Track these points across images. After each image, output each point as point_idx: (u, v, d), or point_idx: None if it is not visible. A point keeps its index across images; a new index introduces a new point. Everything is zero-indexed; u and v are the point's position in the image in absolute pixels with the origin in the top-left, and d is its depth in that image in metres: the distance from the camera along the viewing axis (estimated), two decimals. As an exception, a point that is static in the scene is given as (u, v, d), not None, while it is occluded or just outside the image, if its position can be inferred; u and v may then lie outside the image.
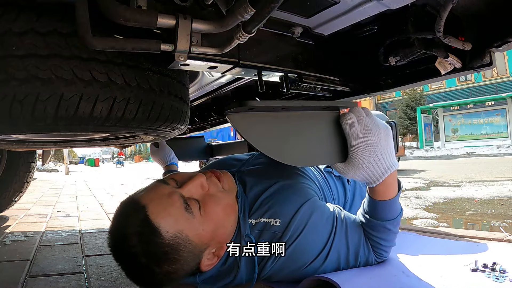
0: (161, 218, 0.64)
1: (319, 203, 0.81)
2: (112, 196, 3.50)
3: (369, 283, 0.74)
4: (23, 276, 0.98)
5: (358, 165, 0.69)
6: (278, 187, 0.82)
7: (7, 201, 2.07)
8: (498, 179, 3.99)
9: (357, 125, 0.69)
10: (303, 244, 0.74)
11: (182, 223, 0.66)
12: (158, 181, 0.74)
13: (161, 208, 0.65)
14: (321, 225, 0.77)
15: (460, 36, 0.73)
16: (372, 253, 0.81)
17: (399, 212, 0.78)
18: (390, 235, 0.79)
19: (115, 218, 0.69)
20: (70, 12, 0.59)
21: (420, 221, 1.97)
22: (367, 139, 0.68)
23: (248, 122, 0.61)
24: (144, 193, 0.69)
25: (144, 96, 0.71)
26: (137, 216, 0.64)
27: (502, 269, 0.81)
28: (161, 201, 0.66)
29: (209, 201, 0.71)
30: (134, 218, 0.64)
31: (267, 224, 0.75)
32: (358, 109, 0.71)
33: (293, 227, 0.74)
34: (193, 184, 0.71)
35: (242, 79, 1.13)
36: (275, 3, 0.48)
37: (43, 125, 0.64)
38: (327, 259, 0.75)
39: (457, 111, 16.83)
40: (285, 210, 0.76)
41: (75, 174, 10.64)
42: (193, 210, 0.68)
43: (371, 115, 0.71)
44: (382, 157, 0.69)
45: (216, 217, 0.71)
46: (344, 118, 0.70)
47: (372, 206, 0.77)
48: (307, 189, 0.84)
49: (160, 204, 0.66)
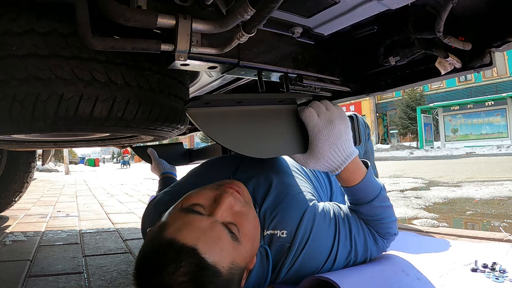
0: (216, 256, 0.58)
1: (319, 206, 0.82)
2: (112, 196, 3.50)
3: (369, 282, 0.74)
4: (23, 276, 0.98)
5: (319, 156, 0.72)
6: (276, 193, 0.82)
7: (7, 201, 2.08)
8: (498, 179, 3.99)
9: (317, 118, 0.71)
10: (311, 251, 0.74)
11: (233, 253, 0.61)
12: (185, 212, 0.64)
13: (212, 246, 0.58)
14: (326, 228, 0.77)
15: (460, 36, 0.73)
16: (379, 238, 0.82)
17: (380, 188, 0.80)
18: (384, 210, 0.81)
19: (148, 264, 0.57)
20: (70, 12, 0.59)
21: (420, 221, 1.97)
22: (329, 132, 0.71)
23: (207, 117, 0.61)
24: (184, 232, 0.59)
25: (144, 96, 0.71)
26: (188, 259, 0.55)
27: (502, 269, 0.81)
28: (208, 237, 0.59)
29: (242, 220, 0.67)
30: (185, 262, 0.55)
31: (273, 236, 0.76)
32: (316, 103, 0.74)
33: (300, 236, 0.74)
34: (225, 207, 0.66)
35: (242, 79, 1.13)
36: (275, 3, 0.48)
37: (43, 125, 0.64)
38: (336, 258, 0.76)
39: (457, 111, 16.82)
40: (290, 220, 0.76)
41: (75, 174, 10.64)
42: (237, 236, 0.64)
43: (331, 108, 0.74)
44: (342, 147, 0.73)
45: (251, 235, 0.68)
46: (303, 112, 0.72)
47: (350, 193, 0.80)
48: (303, 193, 0.85)
49: (209, 241, 0.59)
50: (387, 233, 0.83)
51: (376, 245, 0.82)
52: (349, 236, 0.79)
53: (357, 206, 0.81)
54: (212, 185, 0.74)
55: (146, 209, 1.00)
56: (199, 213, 0.64)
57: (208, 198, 0.69)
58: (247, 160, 0.97)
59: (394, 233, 0.84)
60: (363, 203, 0.80)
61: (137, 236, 1.55)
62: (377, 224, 0.82)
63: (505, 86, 17.64)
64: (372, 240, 0.82)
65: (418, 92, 20.21)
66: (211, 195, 0.70)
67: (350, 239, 0.79)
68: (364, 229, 0.81)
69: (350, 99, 1.09)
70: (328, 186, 1.12)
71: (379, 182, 0.83)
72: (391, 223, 0.83)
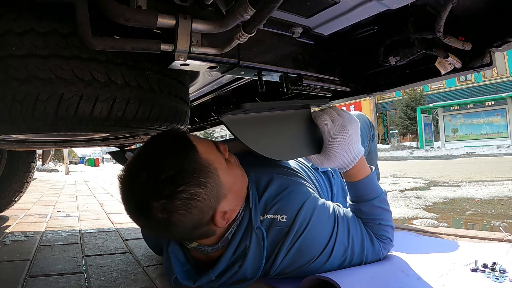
0: (198, 143, 0.70)
1: (319, 199, 0.84)
2: (112, 196, 3.50)
3: (369, 282, 0.74)
4: (23, 276, 0.98)
5: (333, 158, 0.80)
6: (279, 183, 0.84)
7: (7, 201, 2.08)
8: (498, 179, 3.99)
9: (331, 124, 0.79)
10: (309, 238, 0.76)
11: (214, 155, 0.72)
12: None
13: (197, 139, 0.72)
14: (324, 219, 0.79)
15: (460, 36, 0.73)
16: (375, 240, 0.84)
17: (381, 191, 0.86)
18: (383, 212, 0.85)
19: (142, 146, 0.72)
20: (70, 12, 0.59)
21: (420, 221, 1.97)
22: (343, 137, 0.79)
23: (240, 124, 0.68)
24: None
25: (144, 96, 0.71)
26: (174, 137, 0.70)
27: (502, 269, 0.81)
28: (196, 137, 0.73)
29: (232, 161, 0.78)
30: (170, 138, 0.70)
31: (273, 220, 0.77)
32: (330, 110, 0.82)
33: (299, 221, 0.76)
34: (222, 145, 0.77)
35: (242, 79, 1.13)
36: (275, 3, 0.48)
37: (43, 125, 0.64)
38: (332, 252, 0.77)
39: (457, 111, 16.83)
40: (290, 206, 0.78)
41: (75, 174, 10.64)
42: (222, 154, 0.75)
43: (342, 114, 0.82)
44: (353, 148, 0.80)
45: (235, 173, 0.76)
46: (319, 118, 0.80)
47: (353, 189, 0.86)
48: (306, 186, 0.87)
49: (196, 137, 0.73)
50: (383, 236, 0.85)
51: (372, 246, 0.83)
52: (347, 233, 0.80)
53: (358, 203, 0.84)
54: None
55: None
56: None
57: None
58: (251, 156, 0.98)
59: (390, 238, 0.86)
60: (364, 200, 0.83)
61: (137, 236, 1.55)
62: (375, 225, 0.84)
63: (505, 86, 17.65)
64: (369, 241, 0.83)
65: (418, 92, 20.22)
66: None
67: (347, 235, 0.80)
68: (362, 229, 0.83)
69: (350, 99, 1.09)
70: (328, 188, 1.14)
71: (381, 187, 0.87)
72: (388, 227, 0.86)
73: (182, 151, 0.67)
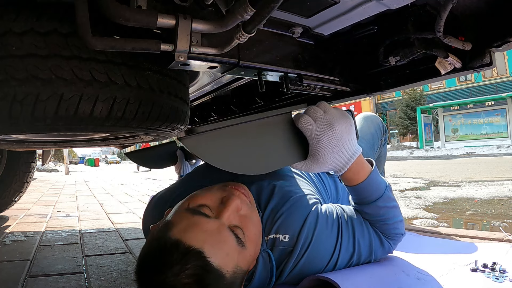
0: (221, 260, 0.58)
1: (321, 209, 0.81)
2: (112, 196, 3.50)
3: (369, 282, 0.74)
4: (23, 276, 0.98)
5: (322, 161, 0.70)
6: (280, 196, 0.81)
7: (7, 201, 2.08)
8: (498, 179, 3.99)
9: (314, 125, 0.69)
10: (313, 254, 0.74)
11: (237, 257, 0.62)
12: (192, 213, 0.64)
13: (218, 250, 0.59)
14: (328, 232, 0.77)
15: (460, 36, 0.73)
16: (384, 240, 0.81)
17: (385, 187, 0.78)
18: (389, 211, 0.79)
19: (153, 263, 0.57)
20: (70, 12, 0.59)
21: (420, 221, 1.97)
22: (329, 137, 0.69)
23: (202, 144, 0.60)
24: (190, 233, 0.59)
25: (144, 96, 0.71)
26: (193, 262, 0.55)
27: (502, 269, 0.81)
28: (214, 241, 0.59)
29: (248, 224, 0.68)
30: (190, 265, 0.55)
31: (276, 240, 0.75)
32: (312, 109, 0.71)
33: (302, 240, 0.74)
34: (232, 210, 0.66)
35: (242, 79, 1.13)
36: (275, 3, 0.48)
37: (43, 125, 0.64)
38: (338, 261, 0.76)
39: (457, 111, 16.82)
40: (292, 224, 0.76)
41: (75, 174, 10.64)
42: (242, 241, 0.64)
43: (329, 110, 0.71)
44: (345, 148, 0.71)
45: (255, 239, 0.69)
46: (299, 121, 0.70)
47: (354, 193, 0.79)
48: (307, 196, 0.84)
49: (215, 245, 0.59)
50: (394, 234, 0.82)
51: (382, 247, 0.82)
52: (352, 239, 0.78)
53: (361, 206, 0.80)
54: (219, 185, 0.74)
55: (147, 206, 1.00)
56: (206, 215, 0.64)
57: (214, 199, 0.69)
58: None
59: (401, 233, 0.83)
60: (367, 202, 0.78)
61: (137, 236, 1.55)
62: (383, 225, 0.80)
63: (505, 86, 17.65)
64: (378, 242, 0.81)
65: (418, 92, 20.21)
66: (218, 196, 0.69)
67: (353, 242, 0.78)
68: (369, 231, 0.80)
69: (350, 99, 1.09)
70: (333, 186, 1.11)
71: (384, 181, 0.80)
72: (397, 223, 0.81)
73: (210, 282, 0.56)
